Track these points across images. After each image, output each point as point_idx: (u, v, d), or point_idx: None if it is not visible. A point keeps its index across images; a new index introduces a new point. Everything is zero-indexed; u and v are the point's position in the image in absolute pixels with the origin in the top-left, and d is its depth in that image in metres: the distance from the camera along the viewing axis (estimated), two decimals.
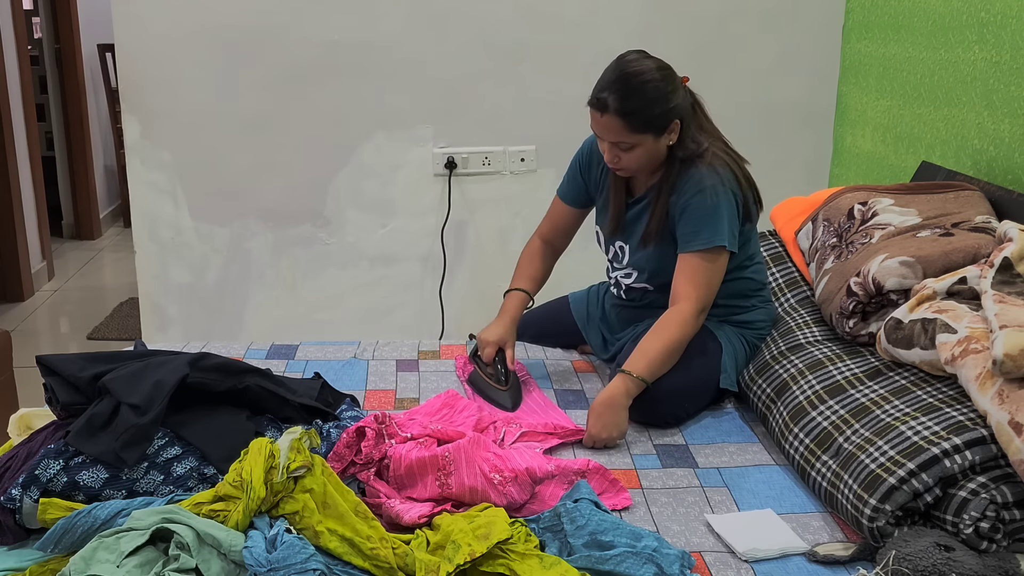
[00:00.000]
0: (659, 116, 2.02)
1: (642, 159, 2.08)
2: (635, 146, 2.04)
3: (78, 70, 5.91)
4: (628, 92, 1.99)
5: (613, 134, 2.03)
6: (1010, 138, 2.34)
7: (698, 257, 2.08)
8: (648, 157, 2.08)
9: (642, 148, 2.05)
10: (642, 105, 2.00)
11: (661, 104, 2.01)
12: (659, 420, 2.10)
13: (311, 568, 1.41)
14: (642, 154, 2.06)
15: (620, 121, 2.00)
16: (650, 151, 2.07)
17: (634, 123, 2.01)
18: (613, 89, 2.00)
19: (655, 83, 2.00)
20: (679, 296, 2.08)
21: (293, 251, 3.32)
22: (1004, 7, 2.36)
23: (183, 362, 1.79)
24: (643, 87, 2.00)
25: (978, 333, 1.69)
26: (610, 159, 2.08)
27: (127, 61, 3.14)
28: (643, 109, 2.00)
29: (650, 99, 2.00)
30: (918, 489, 1.57)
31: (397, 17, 3.15)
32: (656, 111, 2.02)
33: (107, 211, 6.45)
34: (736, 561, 1.60)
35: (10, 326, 4.51)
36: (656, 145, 2.06)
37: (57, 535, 1.49)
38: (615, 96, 1.99)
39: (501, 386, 2.23)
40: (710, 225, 2.06)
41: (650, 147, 2.06)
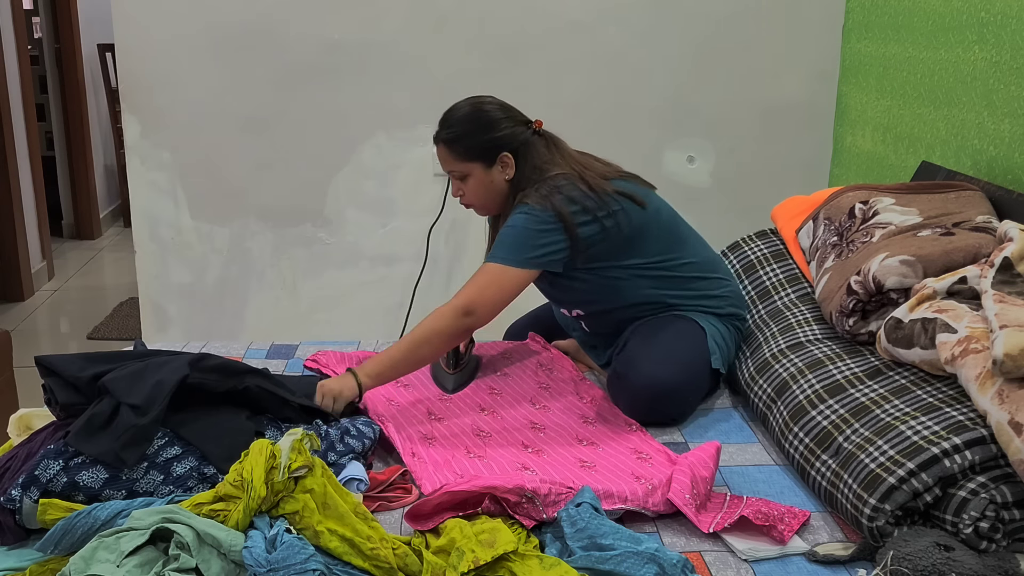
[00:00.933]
0: (481, 145, 2.15)
1: (478, 191, 2.20)
2: (467, 175, 2.18)
3: (78, 70, 5.91)
4: (451, 122, 2.18)
5: (445, 163, 2.20)
6: (1010, 138, 2.34)
7: (486, 267, 2.11)
8: (484, 189, 2.19)
9: (473, 179, 2.18)
10: (462, 133, 2.16)
11: (483, 133, 2.15)
12: (666, 418, 2.13)
13: (311, 568, 1.41)
14: (476, 185, 2.19)
15: (445, 149, 2.18)
16: (483, 182, 2.18)
17: (457, 150, 2.16)
18: (441, 122, 2.20)
19: (478, 114, 2.17)
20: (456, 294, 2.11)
21: (293, 251, 3.32)
22: (1004, 7, 2.36)
23: (183, 362, 1.79)
24: (466, 118, 2.17)
25: (978, 333, 1.69)
26: (454, 191, 2.25)
27: (127, 61, 3.14)
28: (463, 137, 2.16)
29: (471, 128, 2.16)
30: (918, 489, 1.57)
31: (397, 17, 3.15)
32: (477, 139, 2.15)
33: (107, 211, 6.45)
34: (736, 561, 1.60)
35: (10, 326, 4.51)
36: (488, 176, 2.18)
37: (57, 536, 1.49)
38: (441, 126, 2.19)
39: (449, 369, 2.29)
40: (507, 242, 2.11)
41: (481, 178, 2.18)
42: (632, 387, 2.11)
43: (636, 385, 2.10)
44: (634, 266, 2.19)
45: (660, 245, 2.22)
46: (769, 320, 2.31)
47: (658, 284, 2.22)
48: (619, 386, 2.15)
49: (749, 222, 2.82)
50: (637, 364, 2.13)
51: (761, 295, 2.43)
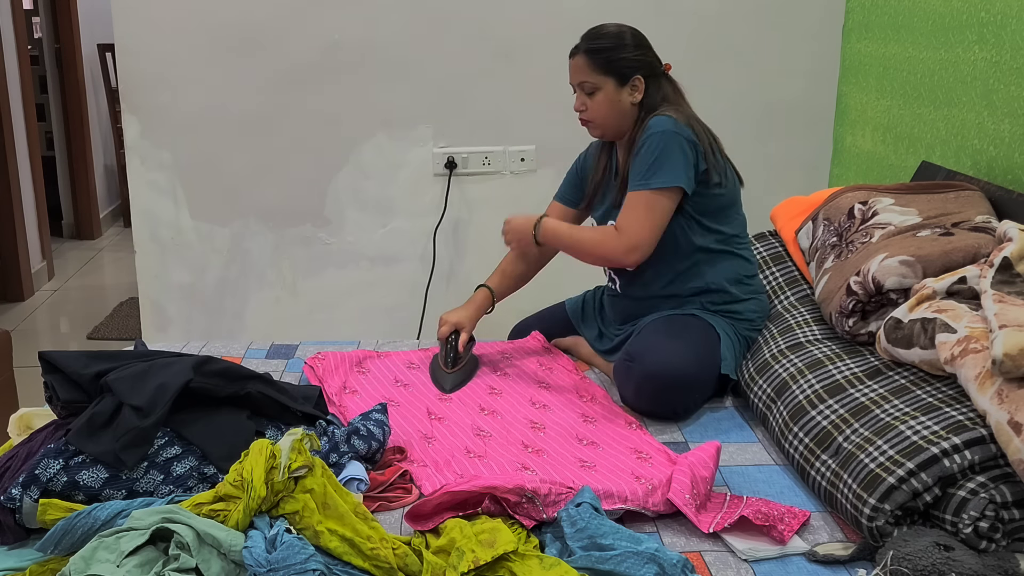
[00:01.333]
0: (620, 61, 2.21)
1: (604, 107, 2.24)
2: (597, 89, 2.23)
3: (78, 70, 5.91)
4: (596, 36, 2.25)
5: (579, 74, 2.25)
6: (1010, 138, 2.34)
7: (639, 196, 2.16)
8: (610, 106, 2.23)
9: (603, 93, 2.23)
10: (606, 47, 2.22)
11: (624, 51, 2.22)
12: (669, 411, 2.14)
13: (311, 568, 1.41)
14: (603, 100, 2.23)
15: (585, 59, 2.23)
16: (611, 100, 2.23)
17: (596, 62, 2.22)
18: (586, 35, 2.27)
19: (622, 35, 2.24)
20: (618, 226, 2.18)
21: (293, 251, 3.32)
22: (1004, 7, 2.36)
23: (187, 366, 1.79)
24: (610, 35, 2.24)
25: (977, 333, 1.69)
26: (578, 106, 2.28)
27: (127, 61, 3.14)
28: (606, 50, 2.21)
29: (614, 45, 2.22)
30: (917, 488, 1.57)
31: (397, 17, 3.15)
32: (618, 55, 2.21)
33: (107, 211, 6.45)
34: (736, 561, 1.60)
35: (10, 326, 4.51)
36: (618, 95, 2.23)
37: (57, 536, 1.49)
38: (585, 39, 2.26)
39: (447, 368, 2.30)
40: (656, 166, 2.15)
41: (611, 94, 2.23)
42: (642, 372, 2.11)
43: (646, 371, 2.11)
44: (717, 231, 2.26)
45: (738, 227, 2.32)
46: (769, 323, 2.31)
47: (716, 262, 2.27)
48: (628, 371, 2.15)
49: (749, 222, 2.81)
50: (650, 350, 2.14)
51: None
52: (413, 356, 2.45)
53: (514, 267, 2.49)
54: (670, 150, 2.14)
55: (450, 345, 2.33)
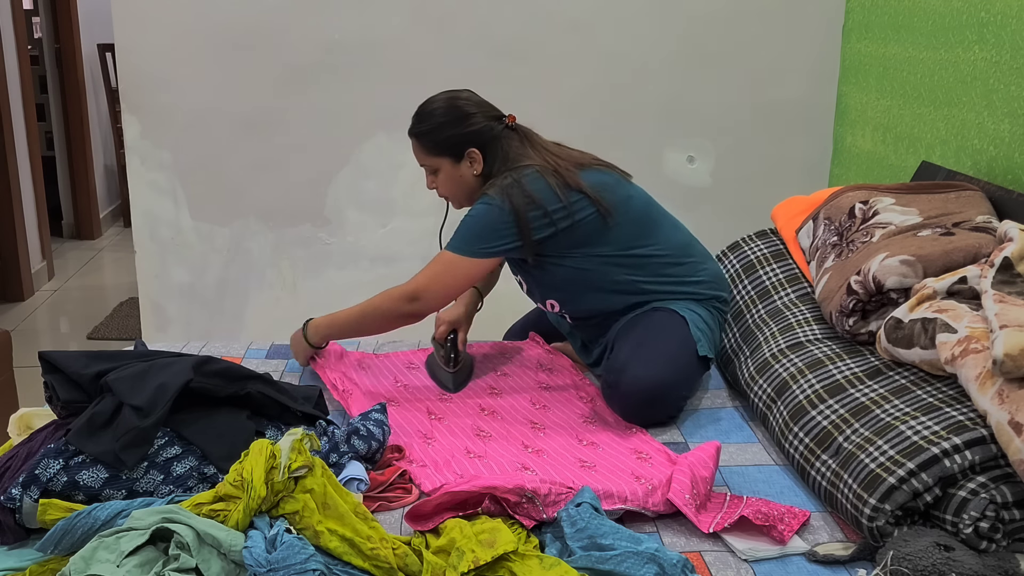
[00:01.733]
0: (448, 140, 2.19)
1: (448, 184, 2.24)
2: (437, 169, 2.23)
3: (78, 70, 5.91)
4: (422, 116, 2.22)
5: (417, 155, 2.26)
6: (1010, 138, 2.34)
7: (441, 255, 2.20)
8: (453, 183, 2.24)
9: (443, 172, 2.23)
10: (429, 129, 2.20)
11: (451, 129, 2.18)
12: (663, 416, 2.14)
13: (311, 568, 1.41)
14: (445, 179, 2.24)
15: (416, 142, 2.23)
16: (452, 177, 2.23)
17: (426, 145, 2.21)
18: (415, 115, 2.24)
19: (448, 110, 2.20)
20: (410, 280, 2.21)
21: (293, 251, 3.32)
22: (1004, 7, 2.36)
23: (187, 366, 1.79)
24: (435, 113, 2.20)
25: (978, 333, 1.69)
26: (428, 184, 2.29)
27: (127, 61, 3.14)
28: (430, 132, 2.20)
29: (437, 124, 2.19)
30: (918, 489, 1.57)
31: (397, 17, 3.14)
32: (444, 135, 2.19)
33: (107, 211, 6.45)
34: (736, 561, 1.60)
35: (10, 326, 4.51)
36: (456, 171, 2.22)
37: (57, 536, 1.49)
38: (414, 120, 2.23)
39: (449, 367, 2.30)
40: (464, 231, 2.18)
41: (450, 172, 2.22)
42: (624, 394, 2.10)
43: (628, 392, 2.10)
44: (601, 255, 2.19)
45: (629, 235, 2.21)
46: (769, 320, 2.31)
47: (630, 272, 2.21)
48: (611, 395, 2.15)
49: (749, 222, 2.82)
50: (626, 370, 2.11)
51: (761, 295, 2.43)
52: (413, 356, 2.45)
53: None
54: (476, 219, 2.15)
55: (449, 345, 2.34)
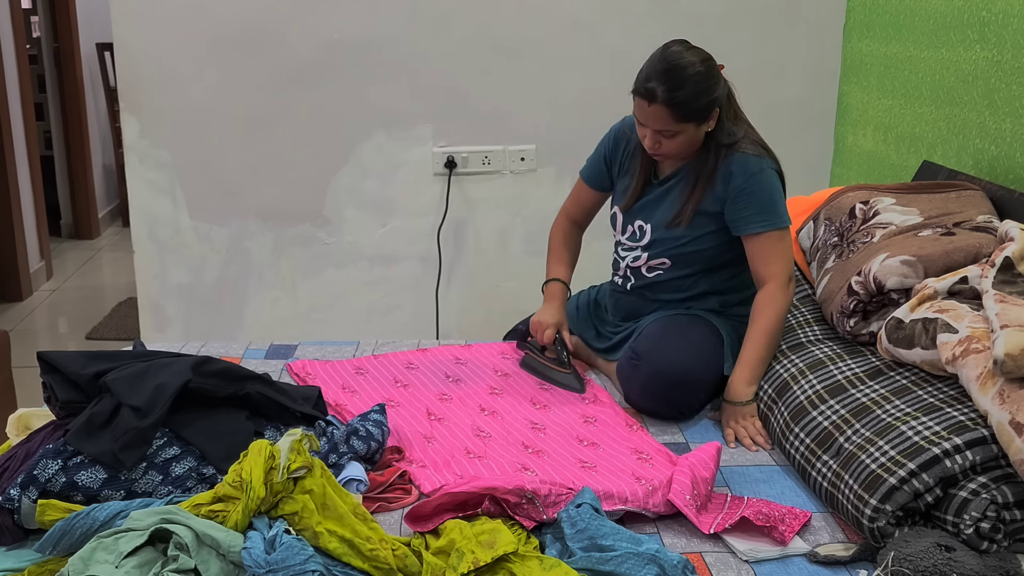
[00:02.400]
0: (703, 107, 2.09)
1: (683, 145, 2.15)
2: (678, 134, 2.11)
3: (77, 69, 5.90)
4: (676, 83, 2.05)
5: (659, 123, 2.10)
6: (1011, 137, 2.34)
7: (771, 237, 2.15)
8: (688, 144, 2.15)
9: (684, 136, 2.12)
10: (689, 96, 2.06)
11: (705, 95, 2.08)
12: (674, 410, 2.15)
13: (310, 569, 1.41)
14: (683, 141, 2.13)
15: (667, 111, 2.07)
16: (691, 138, 2.14)
17: (680, 113, 2.07)
18: (662, 80, 2.06)
19: (701, 75, 2.07)
20: (764, 277, 2.16)
21: (292, 251, 3.32)
22: (1005, 6, 2.36)
23: (186, 366, 1.78)
24: (690, 79, 2.06)
25: (979, 333, 1.69)
26: (651, 145, 2.15)
27: (126, 60, 3.14)
28: (689, 100, 2.06)
29: (696, 91, 2.07)
30: (919, 489, 1.57)
31: (397, 17, 3.14)
32: (701, 102, 2.08)
33: (106, 210, 6.44)
34: (737, 561, 1.60)
35: (8, 326, 4.50)
36: (697, 133, 2.14)
37: (56, 537, 1.49)
38: (664, 87, 2.05)
39: (565, 369, 2.27)
40: (774, 206, 2.15)
41: (691, 134, 2.13)
42: (649, 371, 2.12)
43: (654, 369, 2.11)
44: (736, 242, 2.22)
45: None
46: None
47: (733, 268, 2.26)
48: (635, 369, 2.15)
49: None
50: (657, 349, 2.14)
51: None
52: (412, 356, 2.45)
53: (569, 250, 2.47)
54: (776, 192, 2.16)
55: (559, 345, 2.29)
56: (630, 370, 2.16)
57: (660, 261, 2.27)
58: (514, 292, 2.72)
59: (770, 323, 2.12)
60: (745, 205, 2.15)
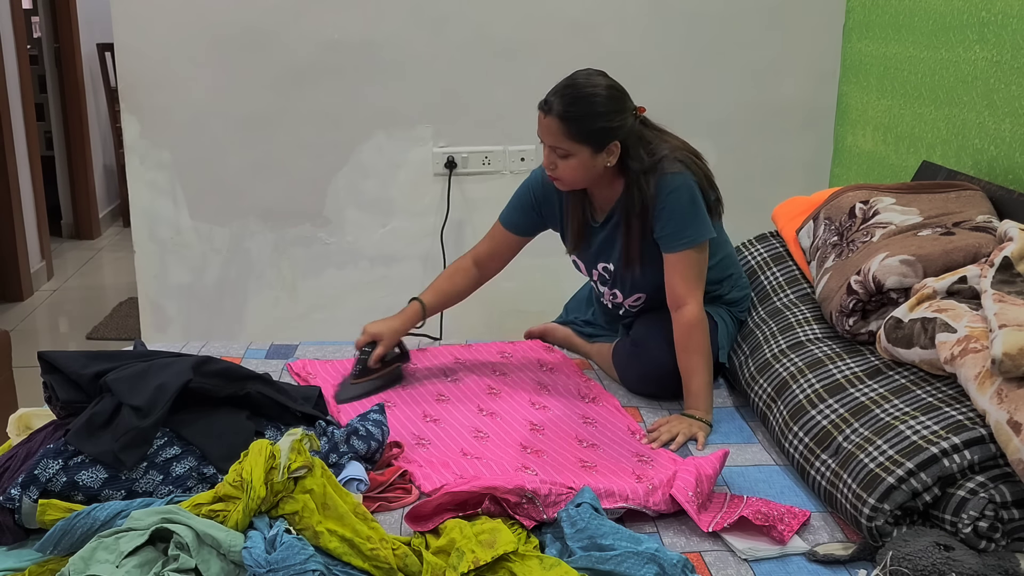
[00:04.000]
0: (598, 131, 2.06)
1: (576, 171, 2.11)
2: (571, 155, 2.08)
3: (77, 69, 5.90)
4: (574, 100, 2.06)
5: (552, 137, 2.08)
6: (1011, 137, 2.34)
7: (689, 254, 2.13)
8: (583, 171, 2.11)
9: (577, 159, 2.09)
10: (583, 115, 2.05)
11: (602, 120, 2.06)
12: (668, 394, 2.21)
13: (310, 569, 1.41)
14: (576, 165, 2.09)
15: (560, 125, 2.06)
16: (585, 165, 2.10)
17: (573, 130, 2.05)
18: (561, 94, 2.07)
19: (601, 99, 2.07)
20: (680, 299, 2.14)
21: (293, 251, 3.32)
22: (1005, 6, 2.36)
23: (187, 366, 1.79)
24: (589, 99, 2.06)
25: (977, 332, 1.69)
26: (547, 163, 2.13)
27: (126, 60, 3.14)
28: (583, 119, 2.05)
29: (591, 111, 2.06)
30: (917, 488, 1.57)
31: (397, 17, 3.14)
32: (596, 125, 2.06)
33: (106, 211, 6.44)
34: (736, 560, 1.60)
35: (9, 326, 4.50)
36: (592, 161, 2.09)
37: (56, 537, 1.49)
38: (561, 101, 2.06)
39: (350, 377, 2.24)
40: (693, 221, 2.12)
41: (585, 160, 2.09)
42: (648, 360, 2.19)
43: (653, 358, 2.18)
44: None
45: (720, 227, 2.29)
46: (769, 319, 2.31)
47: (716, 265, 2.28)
48: (634, 357, 2.22)
49: (749, 222, 2.82)
50: (656, 337, 2.20)
51: (761, 297, 2.43)
52: (411, 356, 2.45)
53: (451, 284, 2.37)
54: (695, 205, 2.11)
55: (362, 355, 2.24)
56: (629, 358, 2.24)
57: (636, 297, 2.31)
58: (514, 292, 2.72)
59: (704, 347, 2.13)
60: (665, 223, 2.12)
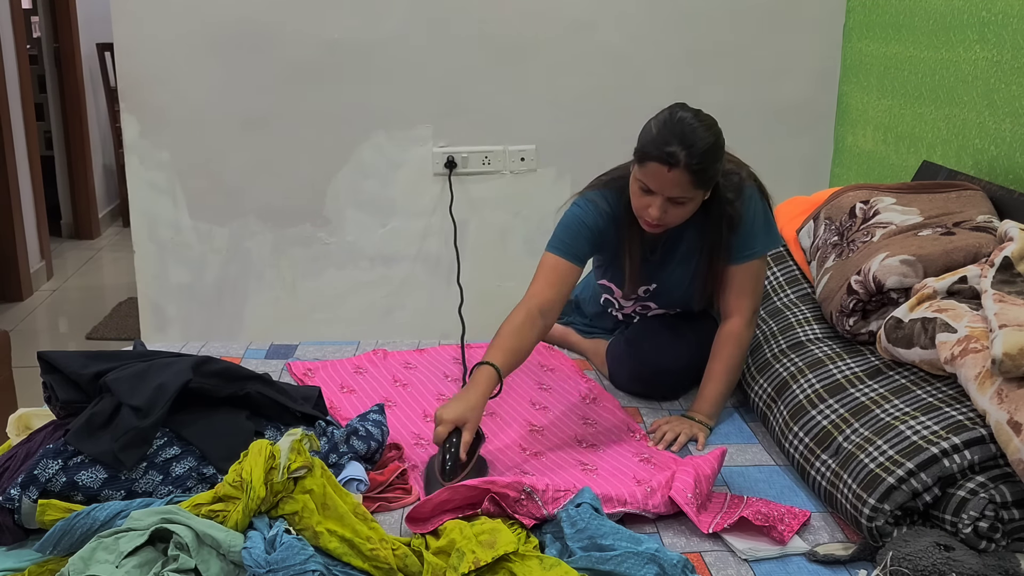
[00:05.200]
0: (716, 175, 2.00)
1: (688, 214, 2.03)
2: (688, 201, 1.99)
3: (77, 69, 5.90)
4: (700, 153, 1.92)
5: (677, 189, 1.95)
6: (1011, 137, 2.34)
7: (751, 266, 2.12)
8: (692, 211, 2.03)
9: (693, 204, 2.01)
10: (711, 162, 1.95)
11: (719, 164, 1.99)
12: (659, 395, 2.22)
13: (310, 569, 1.41)
14: (691, 209, 2.02)
15: (689, 177, 1.93)
16: (696, 205, 2.02)
17: (700, 179, 1.95)
18: (685, 145, 1.91)
19: (718, 145, 1.97)
20: (730, 310, 2.13)
21: (293, 251, 3.32)
22: (1005, 6, 2.36)
23: (187, 366, 1.79)
24: (711, 149, 1.94)
25: (978, 332, 1.69)
26: (658, 214, 1.99)
27: (126, 60, 3.14)
28: (711, 166, 1.95)
29: (715, 160, 1.96)
30: (917, 489, 1.57)
31: (397, 17, 3.14)
32: (716, 171, 1.99)
33: (106, 210, 6.44)
34: (736, 561, 1.60)
35: (9, 326, 4.50)
36: (702, 198, 2.03)
37: (56, 537, 1.49)
38: (687, 152, 1.91)
39: (443, 479, 1.76)
40: (764, 233, 2.12)
41: (699, 201, 2.02)
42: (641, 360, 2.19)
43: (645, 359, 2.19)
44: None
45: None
46: (769, 319, 2.31)
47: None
48: (627, 356, 2.22)
49: None
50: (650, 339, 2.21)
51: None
52: (410, 356, 2.45)
53: (520, 341, 2.01)
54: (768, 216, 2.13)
55: (449, 448, 1.79)
56: (622, 355, 2.24)
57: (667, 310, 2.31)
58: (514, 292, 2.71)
59: (734, 360, 2.11)
60: (741, 234, 2.10)
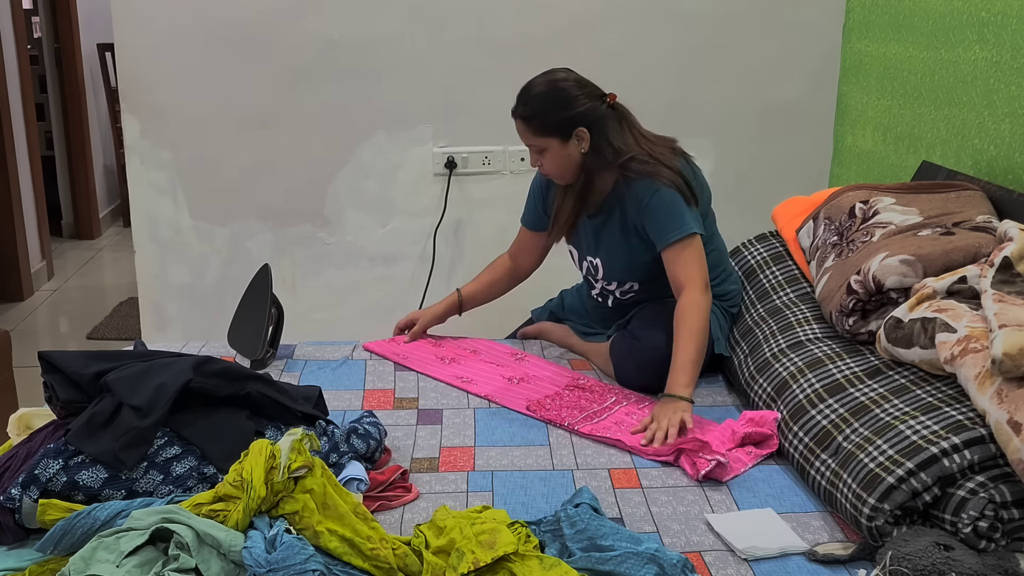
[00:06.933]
0: (558, 122, 2.20)
1: (556, 163, 2.26)
2: (545, 149, 2.24)
3: (78, 69, 5.91)
4: (528, 99, 2.23)
5: (524, 137, 2.26)
6: (1010, 138, 2.34)
7: (679, 247, 2.20)
8: (561, 161, 2.25)
9: (551, 152, 2.24)
10: (537, 112, 2.21)
11: (560, 111, 2.20)
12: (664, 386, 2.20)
13: (310, 568, 1.41)
14: (553, 158, 2.25)
15: (522, 124, 2.24)
16: (560, 155, 2.24)
17: (532, 126, 2.22)
18: (520, 97, 2.25)
19: (554, 92, 2.21)
20: (681, 283, 2.20)
21: (293, 251, 3.32)
22: (1004, 6, 2.36)
23: (187, 366, 1.79)
24: (542, 95, 2.22)
25: (977, 332, 1.69)
26: (532, 162, 2.31)
27: (127, 60, 3.14)
28: (538, 115, 2.21)
29: (544, 108, 2.21)
30: (917, 488, 1.57)
31: (397, 16, 3.14)
32: (552, 118, 2.20)
33: (107, 210, 6.45)
34: (736, 560, 1.60)
35: (9, 326, 4.51)
36: (565, 150, 2.24)
37: (56, 536, 1.49)
38: (519, 102, 2.24)
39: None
40: (677, 217, 2.20)
41: (558, 151, 2.23)
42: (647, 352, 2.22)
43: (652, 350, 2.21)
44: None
45: (711, 222, 2.37)
46: (768, 318, 2.31)
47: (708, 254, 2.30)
48: (632, 349, 2.26)
49: (749, 222, 2.82)
50: (654, 330, 2.24)
51: (760, 296, 2.43)
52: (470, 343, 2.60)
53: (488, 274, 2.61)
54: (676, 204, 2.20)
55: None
56: (627, 349, 2.28)
57: (628, 286, 2.38)
58: (514, 292, 2.72)
59: (696, 326, 2.16)
60: (653, 222, 2.22)
